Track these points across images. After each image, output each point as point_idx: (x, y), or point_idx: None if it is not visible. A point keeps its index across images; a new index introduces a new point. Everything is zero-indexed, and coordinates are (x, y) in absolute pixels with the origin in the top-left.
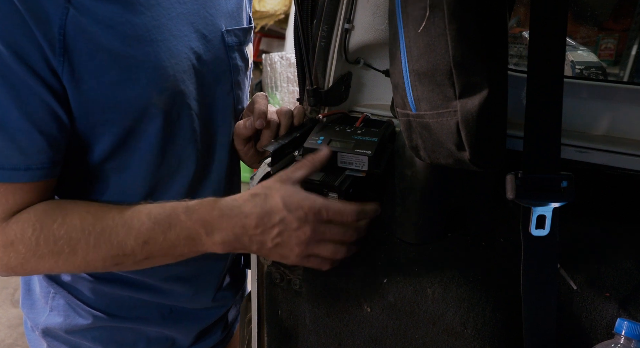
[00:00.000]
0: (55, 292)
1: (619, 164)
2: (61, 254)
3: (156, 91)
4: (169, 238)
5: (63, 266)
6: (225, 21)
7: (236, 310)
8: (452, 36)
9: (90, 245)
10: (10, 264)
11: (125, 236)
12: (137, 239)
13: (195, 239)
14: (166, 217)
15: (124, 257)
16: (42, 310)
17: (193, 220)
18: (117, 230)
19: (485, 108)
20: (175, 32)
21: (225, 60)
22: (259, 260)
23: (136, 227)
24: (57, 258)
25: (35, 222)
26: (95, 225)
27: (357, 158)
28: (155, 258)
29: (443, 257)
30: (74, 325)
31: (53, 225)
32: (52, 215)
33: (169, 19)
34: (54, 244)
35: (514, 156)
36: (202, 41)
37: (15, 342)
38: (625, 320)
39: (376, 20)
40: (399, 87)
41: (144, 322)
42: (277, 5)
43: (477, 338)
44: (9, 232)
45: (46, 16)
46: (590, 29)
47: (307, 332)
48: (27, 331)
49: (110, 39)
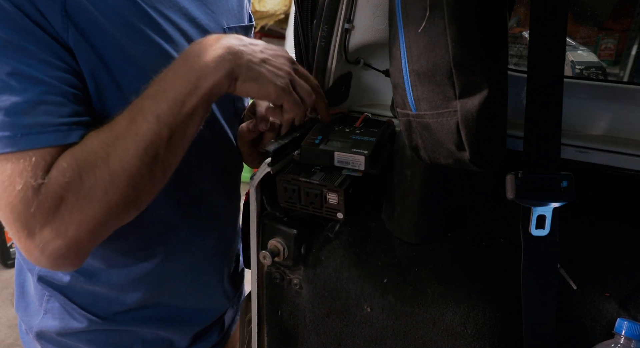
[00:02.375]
0: (50, 294)
1: (619, 164)
2: (104, 179)
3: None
4: (172, 97)
5: (113, 194)
6: (227, 18)
7: (233, 312)
8: (452, 36)
9: (118, 152)
10: (69, 232)
11: (139, 125)
12: (148, 120)
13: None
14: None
15: (153, 144)
16: (36, 312)
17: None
18: (130, 126)
19: (485, 108)
20: (178, 26)
21: None
22: (259, 260)
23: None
24: (103, 187)
25: (69, 160)
26: (111, 135)
27: (353, 157)
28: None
29: (443, 257)
30: (68, 328)
31: (81, 154)
32: (74, 151)
33: (171, 12)
34: (93, 169)
35: (514, 156)
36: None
37: (15, 342)
38: (625, 320)
39: (376, 20)
40: (399, 87)
41: (139, 325)
42: (277, 5)
43: (477, 338)
44: (53, 186)
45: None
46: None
47: (307, 332)
48: (22, 333)
49: (115, 24)
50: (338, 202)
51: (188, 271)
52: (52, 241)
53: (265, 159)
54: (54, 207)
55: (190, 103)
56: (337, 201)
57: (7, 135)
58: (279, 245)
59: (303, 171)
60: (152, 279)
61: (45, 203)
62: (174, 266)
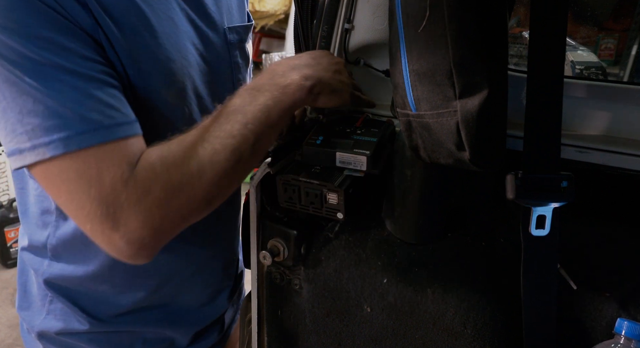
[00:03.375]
0: (52, 296)
1: (619, 164)
2: (192, 174)
3: (165, 85)
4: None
5: (199, 189)
6: (227, 18)
7: (233, 311)
8: (452, 36)
9: (208, 151)
10: (154, 222)
11: (230, 129)
12: (238, 126)
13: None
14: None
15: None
16: (38, 312)
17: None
18: (221, 128)
19: (485, 108)
20: (180, 27)
21: (226, 58)
22: (259, 260)
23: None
24: (191, 182)
25: (160, 154)
26: (201, 135)
27: (355, 158)
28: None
29: (443, 257)
30: (70, 329)
31: (171, 149)
32: (162, 146)
33: (173, 13)
34: (182, 165)
35: (514, 156)
36: (204, 38)
37: (15, 342)
38: (625, 320)
39: (376, 20)
40: (399, 87)
41: (141, 325)
42: (277, 5)
43: (477, 338)
44: (142, 178)
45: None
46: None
47: (307, 332)
48: (23, 332)
49: (122, 27)
50: (338, 202)
51: (189, 271)
52: (137, 231)
53: (265, 159)
54: (142, 198)
55: (275, 114)
56: (337, 201)
57: (82, 131)
58: (279, 245)
59: (303, 171)
60: (154, 279)
61: (134, 195)
62: (175, 266)
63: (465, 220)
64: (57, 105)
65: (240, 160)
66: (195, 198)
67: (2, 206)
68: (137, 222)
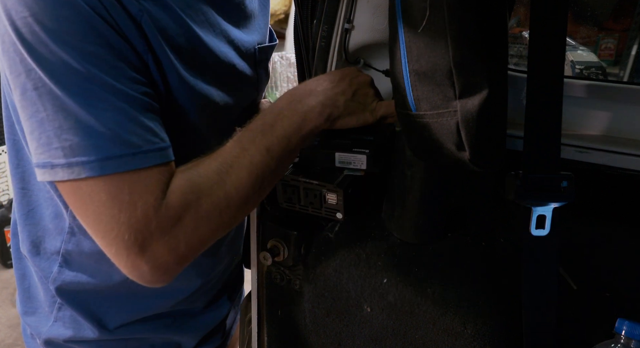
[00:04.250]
0: (61, 303)
1: (619, 164)
2: (220, 203)
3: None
4: (279, 134)
5: (226, 217)
6: (258, 38)
7: (234, 312)
8: (452, 36)
9: (234, 180)
10: (180, 250)
11: (251, 156)
12: (260, 152)
13: (298, 119)
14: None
15: (263, 174)
16: (45, 319)
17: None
18: (243, 155)
19: (485, 108)
20: (221, 49)
21: (254, 76)
22: (259, 260)
23: (252, 144)
24: (219, 211)
25: (190, 183)
26: (224, 163)
27: (355, 157)
28: (282, 160)
29: (443, 257)
30: (79, 336)
31: (199, 179)
32: (191, 172)
33: (214, 35)
34: (210, 194)
35: (514, 156)
36: (240, 59)
37: (15, 342)
38: (625, 320)
39: (376, 20)
40: (399, 87)
41: (148, 332)
42: (277, 5)
43: (477, 338)
44: (174, 207)
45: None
46: (590, 29)
47: (307, 332)
48: (26, 338)
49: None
50: (337, 202)
51: (197, 274)
52: (162, 256)
53: None
54: (172, 225)
55: (294, 140)
56: (337, 201)
57: (120, 154)
58: (279, 245)
59: (302, 171)
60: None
61: (164, 222)
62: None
63: (465, 220)
64: (98, 124)
65: (262, 186)
66: (223, 225)
67: (2, 206)
68: (165, 249)
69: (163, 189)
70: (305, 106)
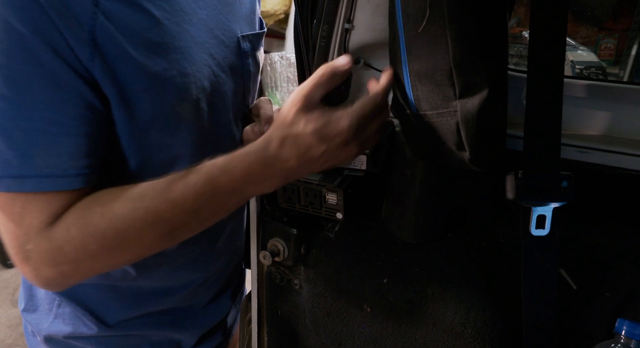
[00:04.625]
0: (61, 300)
1: (619, 164)
2: (113, 248)
3: (179, 99)
4: (217, 201)
5: (119, 259)
6: (241, 26)
7: (235, 311)
8: (452, 36)
9: (139, 229)
10: (63, 271)
11: (172, 212)
12: (184, 212)
13: (244, 192)
14: (206, 184)
15: (178, 231)
16: (45, 316)
17: (235, 180)
18: (162, 208)
19: (485, 108)
20: (197, 39)
21: (239, 66)
22: (259, 260)
23: (180, 200)
24: (109, 253)
25: (78, 220)
26: (137, 209)
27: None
28: (209, 221)
29: (443, 257)
30: (79, 333)
31: (94, 219)
32: (93, 209)
33: (190, 24)
34: (102, 239)
35: (514, 156)
36: (220, 47)
37: (15, 342)
38: (625, 320)
39: (376, 20)
40: (399, 87)
41: (148, 328)
42: (277, 5)
43: (477, 338)
44: (55, 236)
45: (75, 20)
46: (590, 29)
47: (307, 332)
48: (27, 335)
49: (136, 46)
50: (337, 202)
51: (200, 278)
52: (44, 271)
53: None
54: (52, 251)
55: (231, 205)
56: (337, 201)
57: (16, 175)
58: (279, 245)
59: None
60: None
61: (43, 246)
62: (185, 271)
63: (465, 220)
64: (7, 143)
65: (174, 239)
66: (114, 264)
67: None
68: (46, 267)
69: (52, 215)
70: (257, 188)
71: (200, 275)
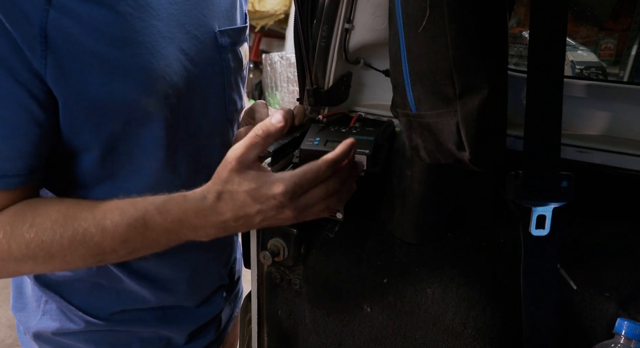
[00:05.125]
0: (47, 297)
1: (619, 164)
2: (37, 258)
3: (144, 93)
4: (148, 237)
5: (43, 268)
6: (219, 21)
7: (230, 309)
8: (452, 36)
9: (65, 247)
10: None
11: (102, 237)
12: (114, 240)
13: (178, 234)
14: (140, 218)
15: (105, 255)
16: (33, 313)
17: (169, 222)
18: (92, 232)
19: (485, 108)
20: (164, 34)
21: (217, 62)
22: (259, 260)
23: (111, 228)
24: (33, 262)
25: (6, 225)
26: (67, 227)
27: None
28: (139, 251)
29: (443, 257)
30: (66, 329)
31: (23, 227)
32: (23, 216)
33: (158, 19)
34: (26, 248)
35: (514, 156)
36: (193, 42)
37: (15, 342)
38: (625, 320)
39: (376, 20)
40: (399, 87)
41: (137, 324)
42: (277, 5)
43: (477, 338)
44: None
45: (25, 18)
46: (590, 29)
47: (307, 332)
48: (20, 334)
49: (95, 40)
50: None
51: (187, 274)
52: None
53: (265, 159)
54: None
55: (164, 244)
56: None
57: None
58: (279, 245)
59: None
60: (149, 280)
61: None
62: (173, 264)
63: (465, 220)
64: None
65: (100, 262)
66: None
67: None
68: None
69: None
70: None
71: (189, 269)
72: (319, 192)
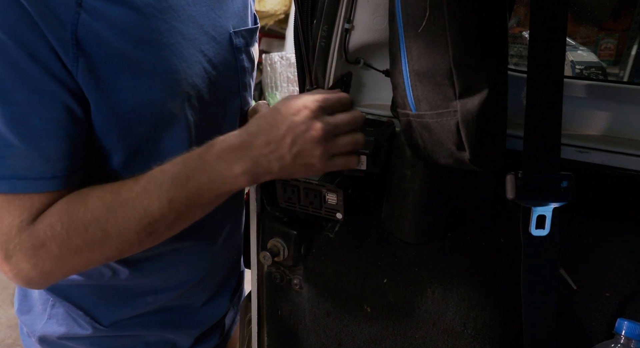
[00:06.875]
0: (54, 300)
1: (619, 164)
2: (94, 241)
3: (170, 96)
4: (191, 188)
5: (100, 253)
6: (233, 22)
7: (233, 312)
8: (452, 36)
9: (119, 221)
10: (45, 269)
11: (149, 201)
12: (161, 200)
13: (217, 180)
14: (181, 170)
15: (155, 223)
16: (39, 316)
17: (208, 163)
18: (140, 198)
19: (485, 108)
20: (186, 35)
21: (233, 62)
22: (259, 260)
23: (155, 189)
24: (92, 247)
25: (62, 215)
26: (116, 201)
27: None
28: (185, 215)
29: (443, 257)
30: (72, 333)
31: (78, 213)
32: (75, 204)
33: (180, 21)
34: (85, 231)
35: (514, 156)
36: (212, 44)
37: (15, 342)
38: (625, 320)
39: (376, 20)
40: (399, 87)
41: (144, 329)
42: (277, 5)
43: (477, 338)
44: (38, 233)
45: (58, 20)
46: (590, 29)
47: (307, 332)
48: (23, 336)
49: (123, 43)
50: (337, 202)
51: (195, 278)
52: (25, 271)
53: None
54: (34, 249)
55: (205, 199)
56: (337, 201)
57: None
58: (279, 245)
59: None
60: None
61: (26, 244)
62: (180, 270)
63: (465, 220)
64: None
65: (154, 233)
66: (95, 260)
67: None
68: (27, 264)
69: (33, 214)
70: (229, 171)
71: (196, 274)
72: (345, 117)
